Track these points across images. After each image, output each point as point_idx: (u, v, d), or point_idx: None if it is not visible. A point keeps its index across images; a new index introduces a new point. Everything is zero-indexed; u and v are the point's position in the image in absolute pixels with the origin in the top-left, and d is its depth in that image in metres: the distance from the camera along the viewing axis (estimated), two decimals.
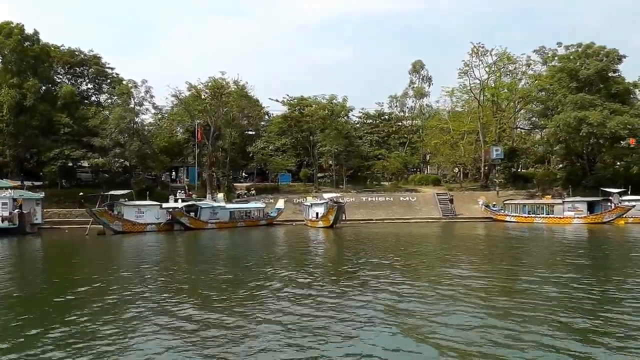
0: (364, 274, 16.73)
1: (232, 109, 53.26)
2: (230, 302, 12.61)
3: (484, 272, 17.07)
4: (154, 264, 20.51)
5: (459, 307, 11.59)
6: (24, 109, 48.66)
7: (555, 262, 19.90)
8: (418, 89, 72.94)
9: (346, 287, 14.33)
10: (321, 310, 11.53)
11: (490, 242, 30.71)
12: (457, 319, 10.42)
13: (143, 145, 49.52)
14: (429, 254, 23.59)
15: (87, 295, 13.86)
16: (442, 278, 15.67)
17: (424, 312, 11.20)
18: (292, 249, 27.40)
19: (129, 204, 38.09)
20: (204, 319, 10.74)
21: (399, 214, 50.53)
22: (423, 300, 12.36)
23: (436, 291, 13.52)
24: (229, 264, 20.01)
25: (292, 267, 18.78)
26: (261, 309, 11.67)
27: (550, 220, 44.64)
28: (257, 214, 45.64)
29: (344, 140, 56.95)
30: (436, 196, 53.81)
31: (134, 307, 12.06)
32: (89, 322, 10.75)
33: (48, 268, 21.43)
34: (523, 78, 61.14)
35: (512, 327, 9.79)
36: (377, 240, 30.92)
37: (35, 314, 11.70)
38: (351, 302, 12.31)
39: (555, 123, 47.85)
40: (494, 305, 11.84)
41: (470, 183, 60.11)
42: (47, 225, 41.79)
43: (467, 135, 60.22)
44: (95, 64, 59.22)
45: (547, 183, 54.75)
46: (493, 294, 13.13)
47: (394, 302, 12.33)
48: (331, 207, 41.42)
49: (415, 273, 17.34)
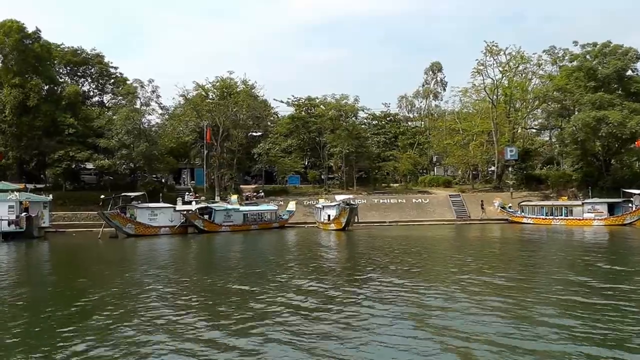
0: (387, 285, 14.90)
1: (241, 109, 51.92)
2: (245, 318, 11.26)
3: (513, 279, 15.79)
4: (169, 272, 19.12)
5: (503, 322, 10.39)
6: (27, 110, 47.24)
7: (593, 268, 18.53)
8: (429, 89, 71.72)
9: (369, 300, 12.87)
10: (342, 327, 10.28)
11: (512, 246, 29.25)
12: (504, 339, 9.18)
13: (150, 147, 48.20)
14: (451, 260, 21.99)
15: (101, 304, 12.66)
16: (473, 287, 14.38)
17: (462, 327, 9.99)
18: (306, 254, 25.80)
19: (142, 206, 36.82)
20: (217, 342, 9.40)
21: (412, 216, 49.41)
22: (458, 315, 11.05)
23: (468, 301, 12.38)
24: (246, 273, 18.27)
25: (307, 275, 17.36)
26: (276, 328, 10.36)
27: (569, 222, 43.54)
28: (269, 217, 44.40)
29: (354, 140, 55.73)
30: (449, 198, 52.73)
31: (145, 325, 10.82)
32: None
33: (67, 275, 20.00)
34: (533, 78, 60.30)
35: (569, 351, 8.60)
36: (393, 244, 29.66)
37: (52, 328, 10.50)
38: (378, 320, 10.91)
39: (573, 123, 46.81)
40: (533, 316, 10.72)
41: (482, 184, 59.00)
42: (51, 228, 40.45)
43: (477, 136, 59.09)
44: (99, 63, 57.99)
45: (562, 184, 53.74)
46: (529, 305, 11.93)
47: (425, 316, 11.14)
48: (343, 209, 40.24)
49: (442, 282, 15.81)
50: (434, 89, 71.67)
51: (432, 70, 71.87)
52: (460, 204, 51.36)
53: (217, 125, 51.54)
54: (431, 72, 72.11)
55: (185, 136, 54.86)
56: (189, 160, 59.47)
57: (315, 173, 59.71)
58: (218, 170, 52.41)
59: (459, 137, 59.73)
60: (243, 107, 51.95)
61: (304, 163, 61.83)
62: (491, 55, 54.77)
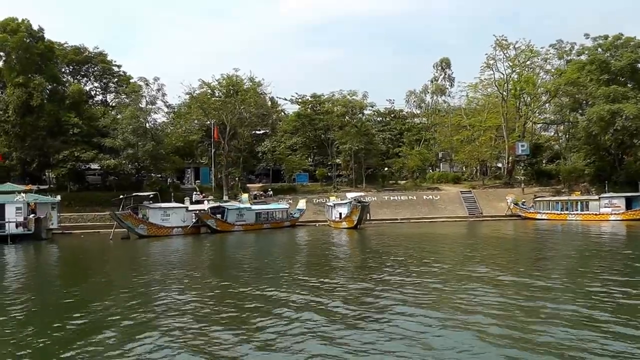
0: (408, 288, 13.98)
1: (248, 107, 51.01)
2: (276, 329, 10.35)
3: (535, 277, 15.04)
4: (188, 276, 17.93)
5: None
6: (31, 109, 46.24)
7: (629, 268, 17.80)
8: (438, 86, 70.93)
9: (409, 305, 11.93)
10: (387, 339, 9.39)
11: (530, 244, 28.41)
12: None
13: (157, 146, 47.30)
14: (470, 259, 20.87)
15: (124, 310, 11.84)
16: (499, 288, 13.67)
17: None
18: (325, 254, 24.83)
19: (154, 206, 35.88)
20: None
21: (423, 213, 48.71)
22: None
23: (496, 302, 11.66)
24: (268, 276, 17.03)
25: (333, 278, 16.46)
26: (313, 338, 9.55)
27: (585, 217, 42.84)
28: (281, 215, 43.58)
29: (363, 137, 54.92)
30: (460, 194, 52.02)
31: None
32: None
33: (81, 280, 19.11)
34: (541, 72, 59.58)
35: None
36: (407, 243, 29.02)
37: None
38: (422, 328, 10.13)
39: (587, 116, 46.11)
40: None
41: (491, 180, 58.29)
42: (59, 230, 39.54)
43: (485, 131, 58.39)
44: (102, 62, 57.00)
45: (573, 179, 53.05)
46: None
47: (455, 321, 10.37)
48: (355, 207, 39.47)
49: (478, 282, 14.96)
50: (443, 85, 70.84)
51: (442, 66, 71.07)
52: (472, 200, 50.64)
53: (224, 124, 50.65)
54: (440, 68, 71.30)
55: (192, 134, 53.90)
56: (195, 159, 58.59)
57: (323, 171, 58.87)
58: (226, 169, 51.49)
59: (468, 132, 58.97)
60: (251, 105, 51.02)
61: (311, 161, 60.93)
62: (501, 49, 54.00)
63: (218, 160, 51.94)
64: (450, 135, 63.47)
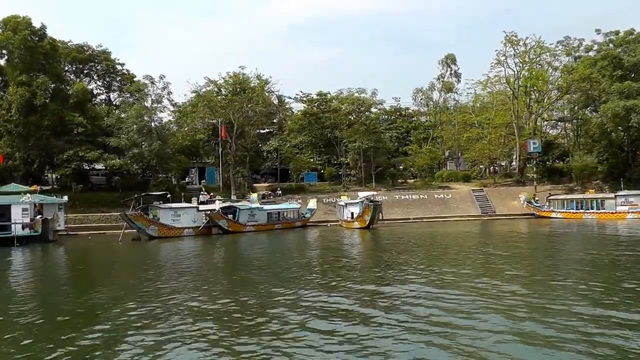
0: (449, 295, 12.98)
1: (256, 105, 50.01)
2: (299, 338, 9.70)
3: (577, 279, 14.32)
4: (208, 282, 16.92)
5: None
6: (34, 109, 45.12)
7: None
8: (447, 83, 70.09)
9: (447, 313, 11.14)
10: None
11: (549, 243, 27.67)
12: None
13: (163, 145, 46.30)
14: (491, 261, 19.87)
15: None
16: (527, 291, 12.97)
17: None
18: (340, 256, 23.99)
19: (165, 206, 34.87)
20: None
21: (435, 212, 47.84)
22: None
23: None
24: (289, 280, 16.18)
25: (355, 282, 15.57)
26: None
27: (601, 215, 42.07)
28: (292, 215, 42.63)
29: (373, 135, 54.04)
30: (472, 193, 51.20)
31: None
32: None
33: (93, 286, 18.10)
34: (549, 69, 58.80)
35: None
36: (423, 243, 28.24)
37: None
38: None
39: (602, 113, 45.36)
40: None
41: (502, 179, 57.49)
42: (65, 231, 38.51)
43: (496, 128, 57.59)
44: (105, 60, 56.01)
45: (586, 177, 52.32)
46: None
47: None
48: (367, 207, 38.59)
49: (509, 281, 14.41)
50: (450, 82, 69.99)
51: (447, 62, 70.22)
52: (484, 199, 49.81)
53: (231, 122, 49.69)
54: (445, 64, 70.42)
55: (199, 133, 52.90)
56: (200, 159, 57.59)
57: (332, 170, 57.93)
58: (234, 168, 50.51)
59: (477, 130, 58.17)
60: (258, 103, 50.04)
61: (320, 160, 59.96)
62: (511, 45, 53.19)
63: (225, 160, 50.95)
64: (457, 134, 62.76)
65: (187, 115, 53.93)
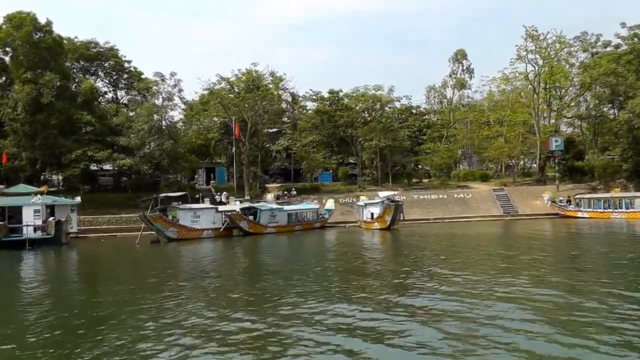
0: (494, 307, 11.48)
1: (270, 103, 48.39)
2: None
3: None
4: (238, 290, 15.16)
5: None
6: (41, 107, 43.47)
7: None
8: (460, 80, 68.58)
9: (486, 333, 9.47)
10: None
11: (586, 245, 26.06)
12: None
13: (175, 144, 44.71)
14: (534, 266, 17.95)
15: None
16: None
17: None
18: (368, 260, 22.30)
19: (184, 207, 33.27)
20: None
21: (456, 212, 46.38)
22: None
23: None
24: (322, 288, 14.70)
25: (389, 292, 13.95)
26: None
27: (630, 215, 40.61)
28: (311, 216, 41.08)
29: (389, 133, 52.48)
30: (493, 192, 49.70)
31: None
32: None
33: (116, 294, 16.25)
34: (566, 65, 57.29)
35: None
36: (447, 244, 26.74)
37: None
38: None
39: (629, 109, 43.87)
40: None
41: (521, 178, 55.98)
42: (76, 234, 36.93)
43: (516, 126, 56.10)
44: (113, 57, 54.39)
45: (609, 175, 50.82)
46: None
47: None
48: (388, 207, 37.02)
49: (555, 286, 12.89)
50: (462, 79, 68.42)
51: (457, 58, 68.67)
52: (506, 198, 48.31)
53: (244, 121, 48.08)
54: (456, 60, 68.89)
55: (212, 132, 51.28)
56: (211, 159, 55.97)
57: (346, 169, 56.34)
58: (248, 168, 48.91)
59: (495, 128, 56.66)
60: (273, 101, 48.44)
61: (335, 159, 58.30)
62: (532, 40, 51.66)
63: (239, 159, 49.35)
64: (472, 132, 61.24)
65: (199, 114, 52.30)
